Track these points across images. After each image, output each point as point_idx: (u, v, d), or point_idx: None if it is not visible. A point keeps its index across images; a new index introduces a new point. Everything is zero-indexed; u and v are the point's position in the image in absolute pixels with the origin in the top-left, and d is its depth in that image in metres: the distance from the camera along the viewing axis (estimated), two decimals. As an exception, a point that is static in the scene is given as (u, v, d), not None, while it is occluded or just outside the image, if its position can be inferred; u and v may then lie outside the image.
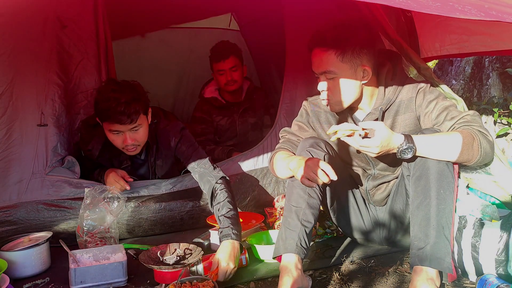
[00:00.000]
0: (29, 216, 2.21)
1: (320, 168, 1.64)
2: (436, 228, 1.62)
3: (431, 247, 1.60)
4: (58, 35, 2.37)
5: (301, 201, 1.77)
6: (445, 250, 1.61)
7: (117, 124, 2.12)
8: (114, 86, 2.15)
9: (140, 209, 2.33)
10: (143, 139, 2.25)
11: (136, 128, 2.18)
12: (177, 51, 4.02)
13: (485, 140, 1.66)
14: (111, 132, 2.18)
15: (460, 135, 1.64)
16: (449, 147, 1.64)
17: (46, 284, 1.86)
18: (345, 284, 1.75)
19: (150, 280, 1.84)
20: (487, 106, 3.47)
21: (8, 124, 2.25)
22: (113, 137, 2.20)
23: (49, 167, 2.29)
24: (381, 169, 1.94)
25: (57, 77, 2.36)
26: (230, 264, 1.80)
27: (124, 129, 2.15)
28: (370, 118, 1.85)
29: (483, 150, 1.65)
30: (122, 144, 2.21)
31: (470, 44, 2.53)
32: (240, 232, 1.95)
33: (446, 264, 1.60)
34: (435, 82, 1.92)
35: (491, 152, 1.70)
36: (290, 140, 2.00)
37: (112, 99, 2.08)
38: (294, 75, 2.72)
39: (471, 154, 1.65)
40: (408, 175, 1.77)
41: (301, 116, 2.04)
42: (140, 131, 2.21)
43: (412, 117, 1.83)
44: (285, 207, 1.82)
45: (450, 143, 1.64)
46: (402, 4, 1.27)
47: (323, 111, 1.97)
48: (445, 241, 1.61)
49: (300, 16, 2.69)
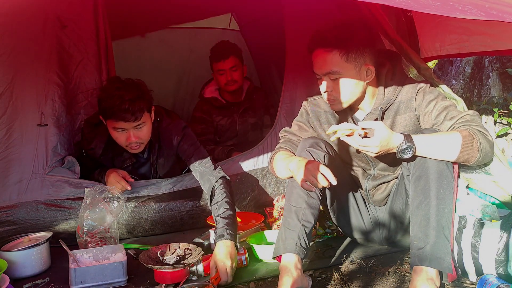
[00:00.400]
0: (29, 216, 2.21)
1: (320, 172, 1.64)
2: (436, 228, 1.62)
3: (431, 247, 1.60)
4: (58, 35, 2.37)
5: (301, 201, 1.77)
6: (445, 250, 1.61)
7: (121, 122, 2.13)
8: (118, 84, 2.16)
9: (140, 209, 2.33)
10: (146, 137, 2.26)
11: (140, 126, 2.19)
12: (177, 51, 4.02)
13: (485, 140, 1.66)
14: (115, 129, 2.19)
15: (459, 134, 1.64)
16: (448, 147, 1.64)
17: (46, 284, 1.86)
18: (345, 284, 1.75)
19: (150, 280, 1.84)
20: (487, 106, 3.47)
21: (8, 124, 2.25)
22: (117, 134, 2.21)
23: (49, 167, 2.29)
24: (381, 169, 1.94)
25: (57, 77, 2.36)
26: (227, 262, 1.79)
27: (128, 126, 2.16)
28: (370, 118, 1.85)
29: (483, 150, 1.65)
30: (126, 142, 2.22)
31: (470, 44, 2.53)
32: (235, 232, 1.95)
33: (446, 264, 1.60)
34: (435, 82, 1.92)
35: (491, 151, 1.70)
36: (290, 140, 2.00)
37: (116, 96, 2.09)
38: (294, 75, 2.72)
39: (471, 153, 1.65)
40: (408, 175, 1.77)
41: (301, 116, 2.04)
42: (144, 129, 2.22)
43: (412, 117, 1.83)
44: (285, 207, 1.82)
45: (449, 142, 1.64)
46: (402, 4, 1.26)
47: (323, 111, 1.97)
48: (445, 241, 1.61)
49: (300, 16, 2.68)
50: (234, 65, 3.09)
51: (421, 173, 1.67)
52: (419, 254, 1.62)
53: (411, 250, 1.66)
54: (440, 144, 1.65)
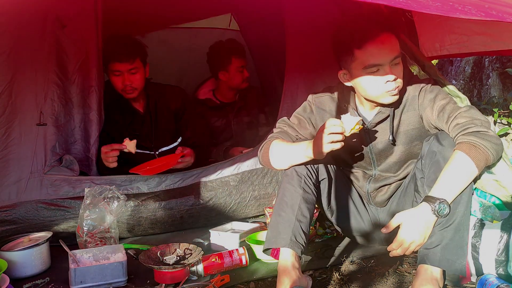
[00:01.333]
0: (28, 215, 2.21)
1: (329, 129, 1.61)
2: (453, 228, 1.59)
3: (443, 247, 1.58)
4: (58, 34, 2.36)
5: (296, 195, 1.72)
6: (459, 251, 1.58)
7: (117, 63, 2.52)
8: (120, 35, 2.62)
9: (140, 208, 2.34)
10: (139, 82, 2.60)
11: (133, 71, 2.55)
12: (177, 51, 4.02)
13: (487, 139, 1.61)
14: (113, 73, 2.56)
15: (462, 154, 1.59)
16: (464, 173, 1.60)
17: (46, 284, 1.86)
18: (345, 284, 1.75)
19: (150, 280, 1.84)
20: (487, 106, 3.47)
21: (7, 124, 2.25)
22: (115, 79, 2.57)
23: (48, 166, 2.29)
24: (382, 170, 1.92)
25: (57, 76, 2.36)
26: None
27: (123, 68, 2.53)
28: (379, 117, 1.82)
29: (491, 149, 1.60)
30: (122, 85, 2.56)
31: (470, 44, 2.53)
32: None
33: (458, 265, 1.57)
34: (440, 79, 1.90)
35: (499, 143, 1.64)
36: (287, 133, 1.91)
37: (113, 42, 2.55)
38: (294, 75, 2.72)
39: (484, 159, 1.60)
40: (421, 177, 1.75)
41: (303, 110, 1.96)
42: (137, 75, 2.57)
43: (416, 115, 1.81)
44: (278, 201, 1.76)
45: (462, 169, 1.60)
46: (402, 4, 1.26)
47: (329, 114, 1.91)
48: (460, 242, 1.59)
49: (300, 16, 2.68)
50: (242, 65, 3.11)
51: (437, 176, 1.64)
52: (427, 253, 1.60)
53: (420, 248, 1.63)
54: (456, 178, 1.60)
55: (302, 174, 1.75)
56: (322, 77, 2.64)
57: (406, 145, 1.85)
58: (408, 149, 1.86)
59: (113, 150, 2.43)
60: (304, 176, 1.75)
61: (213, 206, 2.47)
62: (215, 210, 2.48)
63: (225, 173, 2.49)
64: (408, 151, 1.86)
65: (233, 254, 1.93)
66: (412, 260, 1.93)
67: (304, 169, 1.76)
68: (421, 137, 1.83)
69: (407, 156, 1.88)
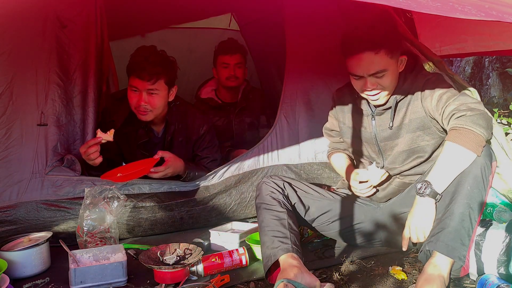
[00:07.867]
0: (29, 216, 2.20)
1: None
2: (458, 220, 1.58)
3: (446, 233, 1.57)
4: (58, 35, 2.36)
5: (281, 214, 1.80)
6: (463, 241, 1.57)
7: (137, 79, 2.29)
8: (151, 49, 2.36)
9: (140, 209, 2.33)
10: (156, 106, 2.36)
11: (153, 92, 2.31)
12: (177, 51, 4.01)
13: (475, 118, 1.63)
14: (131, 88, 2.34)
15: (452, 144, 1.63)
16: (457, 159, 1.63)
17: (46, 284, 1.86)
18: (345, 284, 1.75)
19: (150, 280, 1.84)
20: (487, 106, 3.47)
21: (8, 124, 2.25)
22: (131, 94, 2.35)
23: (49, 166, 2.29)
24: (390, 162, 1.96)
25: (57, 76, 2.36)
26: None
27: (142, 87, 2.30)
28: (385, 105, 1.90)
29: (482, 128, 1.62)
30: (136, 103, 2.33)
31: (470, 44, 2.54)
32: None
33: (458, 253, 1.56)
34: (449, 74, 1.96)
35: (488, 119, 1.66)
36: (334, 143, 2.24)
37: (142, 56, 2.30)
38: (294, 75, 2.72)
39: (477, 139, 1.61)
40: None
41: (330, 107, 2.18)
42: (156, 97, 2.33)
43: (419, 106, 1.86)
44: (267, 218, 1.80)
45: (450, 155, 1.64)
46: (402, 4, 1.27)
47: (348, 100, 2.05)
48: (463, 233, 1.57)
49: (300, 16, 2.68)
50: (240, 62, 3.12)
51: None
52: (429, 240, 1.60)
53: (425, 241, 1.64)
54: (445, 164, 1.64)
55: (278, 198, 1.87)
56: (322, 77, 2.64)
57: (411, 133, 1.88)
58: (412, 138, 1.89)
59: (90, 147, 2.23)
60: (280, 200, 1.87)
61: (213, 207, 2.47)
62: (215, 211, 2.48)
63: (226, 175, 2.49)
64: (413, 141, 1.89)
65: (233, 254, 1.93)
66: (412, 260, 1.93)
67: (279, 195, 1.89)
68: (424, 128, 1.86)
69: (412, 148, 1.90)
